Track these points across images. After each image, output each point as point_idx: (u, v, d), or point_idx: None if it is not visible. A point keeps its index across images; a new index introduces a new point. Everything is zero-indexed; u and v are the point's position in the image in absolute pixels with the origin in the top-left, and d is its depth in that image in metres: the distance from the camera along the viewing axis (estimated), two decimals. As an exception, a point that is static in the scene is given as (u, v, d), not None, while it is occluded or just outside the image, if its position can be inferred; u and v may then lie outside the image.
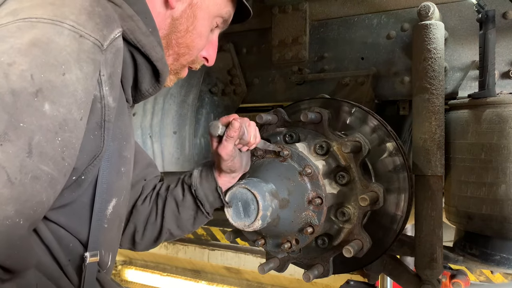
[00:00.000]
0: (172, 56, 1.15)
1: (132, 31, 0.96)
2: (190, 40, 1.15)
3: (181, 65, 1.19)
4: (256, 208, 1.23)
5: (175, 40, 1.13)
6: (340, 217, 1.41)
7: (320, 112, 1.46)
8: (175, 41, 1.13)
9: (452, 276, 1.68)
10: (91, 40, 0.81)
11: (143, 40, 0.98)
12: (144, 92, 1.07)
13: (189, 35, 1.14)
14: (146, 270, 4.75)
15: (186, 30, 1.13)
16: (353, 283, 1.81)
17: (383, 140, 1.52)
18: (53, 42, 0.76)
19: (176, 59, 1.16)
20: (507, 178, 1.44)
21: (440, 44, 1.55)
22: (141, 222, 1.34)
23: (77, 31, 0.80)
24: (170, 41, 1.13)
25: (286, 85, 2.14)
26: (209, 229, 4.48)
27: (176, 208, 1.33)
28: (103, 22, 0.85)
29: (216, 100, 2.38)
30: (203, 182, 1.32)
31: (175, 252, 4.47)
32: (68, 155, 0.78)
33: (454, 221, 1.65)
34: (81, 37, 0.80)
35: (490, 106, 1.47)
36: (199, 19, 1.14)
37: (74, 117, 0.78)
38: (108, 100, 0.88)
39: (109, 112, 0.89)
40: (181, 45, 1.15)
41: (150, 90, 1.07)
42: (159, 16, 1.09)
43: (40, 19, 0.77)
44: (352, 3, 1.96)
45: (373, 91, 1.90)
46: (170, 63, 1.15)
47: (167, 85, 1.18)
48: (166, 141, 2.27)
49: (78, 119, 0.79)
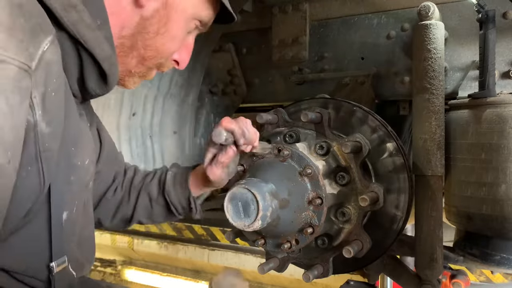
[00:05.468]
0: (136, 58, 1.04)
1: (74, 23, 0.84)
2: (161, 43, 1.04)
3: (147, 68, 1.08)
4: (256, 208, 1.23)
5: (142, 41, 1.01)
6: (340, 218, 1.41)
7: (320, 112, 1.46)
8: (142, 43, 1.01)
9: (452, 276, 1.68)
10: (16, 65, 0.68)
11: (87, 35, 0.86)
12: (91, 91, 0.95)
13: (159, 37, 1.02)
14: (146, 270, 4.75)
15: (156, 32, 1.02)
16: (353, 283, 1.81)
17: (383, 140, 1.52)
18: None
19: (141, 62, 1.05)
20: (507, 178, 1.44)
21: (440, 44, 1.55)
22: (111, 211, 1.36)
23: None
24: (135, 42, 1.01)
25: (286, 85, 2.14)
26: (209, 229, 4.47)
27: (149, 204, 1.36)
28: (28, 38, 0.71)
29: (216, 100, 2.38)
30: (177, 187, 1.34)
31: (175, 252, 4.47)
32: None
33: (454, 221, 1.65)
34: (2, 63, 0.66)
35: (490, 106, 1.47)
36: (173, 21, 1.03)
37: (0, 163, 0.67)
38: (41, 127, 0.76)
39: (44, 139, 0.77)
40: (149, 48, 1.03)
41: (97, 90, 0.96)
42: (124, 11, 0.97)
43: None
44: (352, 3, 1.96)
45: (373, 91, 1.90)
46: (134, 65, 1.04)
47: (128, 87, 1.09)
48: (166, 141, 2.27)
49: (5, 163, 0.67)
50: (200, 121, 2.39)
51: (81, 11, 0.85)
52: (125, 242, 4.70)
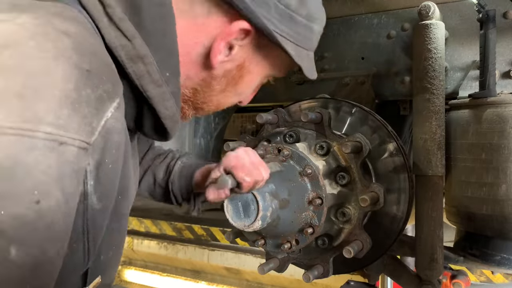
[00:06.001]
0: (193, 107, 0.96)
1: (139, 76, 0.75)
2: (224, 100, 0.97)
3: (203, 114, 1.01)
4: (256, 208, 1.22)
5: (204, 96, 0.93)
6: (341, 218, 1.41)
7: (320, 112, 1.46)
8: (204, 98, 0.94)
9: (452, 276, 1.67)
10: (76, 145, 0.59)
11: (152, 91, 0.77)
12: (147, 135, 0.89)
13: (224, 94, 0.95)
14: (145, 270, 4.75)
15: (222, 90, 0.94)
16: (353, 284, 1.81)
17: (384, 140, 1.52)
18: (20, 164, 0.53)
19: (198, 110, 0.98)
20: (508, 178, 1.43)
21: (440, 44, 1.54)
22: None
23: (56, 138, 0.56)
24: (197, 95, 0.93)
25: (286, 85, 2.14)
26: (209, 229, 4.47)
27: (153, 184, 1.36)
28: (93, 111, 0.61)
29: (216, 100, 2.38)
30: (182, 180, 1.34)
31: (175, 252, 4.47)
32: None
33: (455, 221, 1.65)
34: (62, 145, 0.57)
35: (491, 106, 1.46)
36: (244, 82, 0.95)
37: (49, 256, 0.59)
38: (92, 201, 0.66)
39: (94, 216, 0.68)
40: (210, 102, 0.96)
41: (154, 137, 0.89)
42: (193, 64, 0.88)
43: (3, 130, 0.53)
44: (352, 3, 1.95)
45: (374, 91, 1.89)
46: (188, 111, 0.97)
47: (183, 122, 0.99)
48: (166, 141, 2.27)
49: (55, 255, 0.60)
50: (200, 121, 2.38)
51: (148, 64, 0.76)
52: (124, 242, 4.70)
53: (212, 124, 2.42)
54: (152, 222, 4.75)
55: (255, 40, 0.90)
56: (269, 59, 0.96)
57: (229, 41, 0.87)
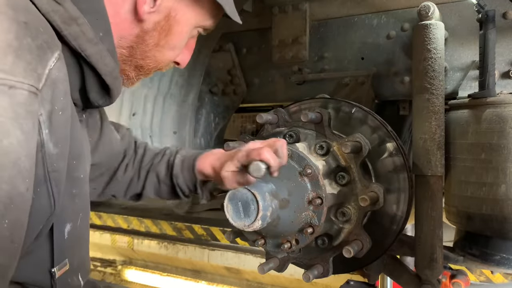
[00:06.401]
0: (134, 66, 1.01)
1: (76, 37, 0.80)
2: (160, 54, 1.01)
3: (145, 73, 1.05)
4: (256, 208, 1.23)
5: (141, 53, 0.98)
6: (340, 217, 1.41)
7: (320, 112, 1.46)
8: (141, 54, 0.99)
9: (452, 276, 1.68)
10: (25, 89, 0.65)
11: (89, 49, 0.82)
12: (93, 102, 0.93)
13: (159, 48, 0.99)
14: (146, 270, 4.75)
15: (156, 44, 0.98)
16: (353, 283, 1.81)
17: (383, 140, 1.52)
18: None
19: (140, 69, 1.02)
20: (507, 178, 1.44)
21: (440, 44, 1.55)
22: (123, 188, 1.39)
23: (5, 82, 0.63)
24: (134, 53, 0.98)
25: (286, 85, 2.14)
26: (209, 229, 4.47)
27: (157, 183, 1.39)
28: (36, 58, 0.68)
29: (216, 100, 2.38)
30: (184, 172, 1.35)
31: (175, 252, 4.47)
32: (17, 236, 0.68)
33: (454, 221, 1.65)
34: (12, 89, 0.63)
35: (490, 106, 1.47)
36: (175, 33, 1.00)
37: (20, 191, 0.66)
38: (49, 147, 0.74)
39: (52, 160, 0.75)
40: (148, 58, 1.00)
41: (99, 101, 0.93)
42: (124, 22, 0.93)
43: None
44: (352, 3, 1.95)
45: (373, 91, 1.89)
46: (132, 72, 1.02)
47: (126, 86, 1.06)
48: (166, 141, 2.28)
49: (24, 191, 0.67)
50: (200, 121, 2.38)
51: (82, 24, 0.80)
52: (125, 242, 4.69)
53: (212, 124, 2.42)
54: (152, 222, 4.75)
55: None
56: (194, 7, 1.00)
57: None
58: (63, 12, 0.78)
